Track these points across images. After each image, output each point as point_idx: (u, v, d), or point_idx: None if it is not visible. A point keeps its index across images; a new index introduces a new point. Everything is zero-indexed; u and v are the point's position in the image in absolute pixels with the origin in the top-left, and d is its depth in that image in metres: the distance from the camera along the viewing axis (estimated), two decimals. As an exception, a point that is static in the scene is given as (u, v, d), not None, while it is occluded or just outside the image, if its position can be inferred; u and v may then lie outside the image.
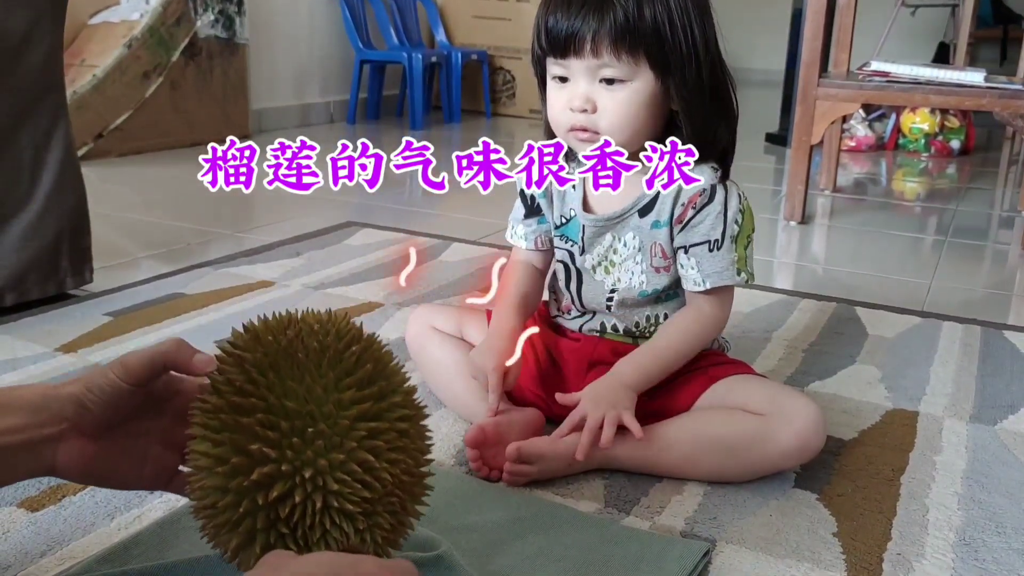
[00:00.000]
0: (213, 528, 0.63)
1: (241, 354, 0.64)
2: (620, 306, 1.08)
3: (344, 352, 0.65)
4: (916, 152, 3.55)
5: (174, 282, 1.67)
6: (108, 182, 2.64)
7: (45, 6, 1.46)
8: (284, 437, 0.61)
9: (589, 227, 1.07)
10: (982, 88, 2.10)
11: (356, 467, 0.61)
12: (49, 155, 1.50)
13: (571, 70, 0.98)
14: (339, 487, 0.61)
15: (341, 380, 0.63)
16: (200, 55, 3.26)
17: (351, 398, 0.63)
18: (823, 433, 0.97)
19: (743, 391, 1.02)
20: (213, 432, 0.62)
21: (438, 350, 1.15)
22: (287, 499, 0.60)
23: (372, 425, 0.63)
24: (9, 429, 0.66)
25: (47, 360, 1.29)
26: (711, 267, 1.02)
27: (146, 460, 0.73)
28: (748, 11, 5.82)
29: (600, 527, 0.88)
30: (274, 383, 0.62)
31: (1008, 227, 2.44)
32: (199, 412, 0.64)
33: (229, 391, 0.63)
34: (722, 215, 1.02)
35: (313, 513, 0.60)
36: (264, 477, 0.60)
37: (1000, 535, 0.92)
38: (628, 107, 0.97)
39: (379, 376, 0.65)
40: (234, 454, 0.61)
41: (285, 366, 0.63)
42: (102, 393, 0.67)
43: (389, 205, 2.45)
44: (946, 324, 1.55)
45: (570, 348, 1.12)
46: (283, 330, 0.66)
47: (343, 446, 0.61)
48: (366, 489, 0.62)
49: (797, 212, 2.32)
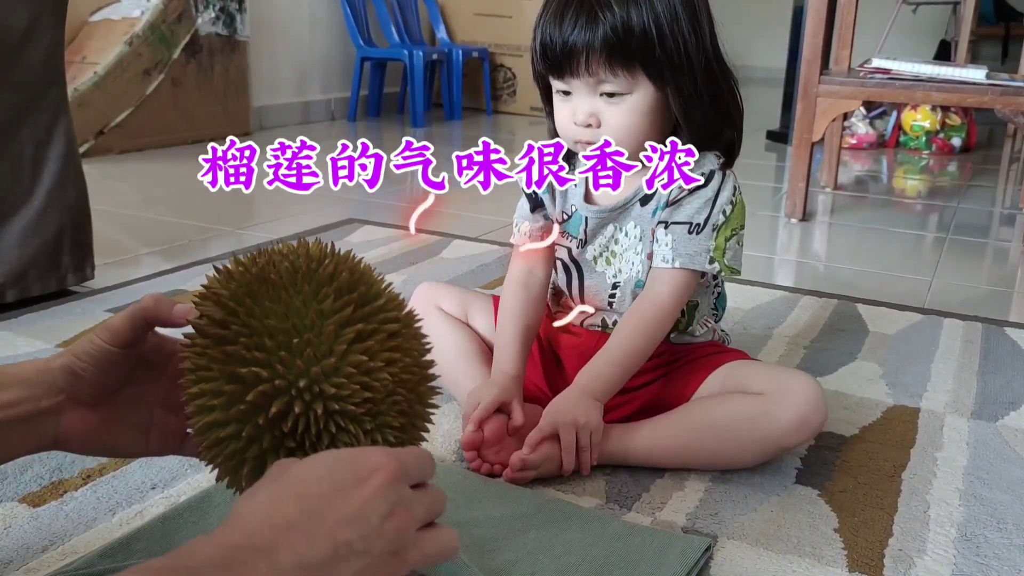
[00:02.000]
0: (224, 463, 0.63)
1: (216, 291, 0.64)
2: (622, 302, 1.08)
3: (317, 269, 0.64)
4: (917, 149, 3.55)
5: (175, 279, 1.67)
6: (109, 179, 2.64)
7: (46, 3, 1.46)
8: (271, 355, 0.60)
9: (592, 218, 1.07)
10: (983, 85, 2.10)
11: (351, 369, 0.60)
12: (50, 151, 1.50)
13: (572, 86, 0.99)
14: (336, 391, 0.60)
15: (318, 292, 0.63)
16: (201, 52, 3.26)
17: (331, 307, 0.62)
18: (823, 409, 0.97)
19: (741, 375, 1.02)
20: (204, 370, 0.62)
21: (441, 332, 1.14)
22: (288, 414, 0.60)
23: (359, 327, 0.62)
24: (6, 403, 0.66)
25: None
26: (685, 248, 1.01)
27: (150, 426, 0.73)
28: (749, 8, 5.82)
29: (601, 523, 0.88)
30: (252, 308, 0.62)
31: (1009, 224, 2.44)
32: (188, 358, 0.63)
33: (211, 328, 0.62)
34: (711, 201, 1.01)
35: (316, 421, 0.60)
36: (260, 396, 0.59)
37: (1001, 531, 0.92)
38: (631, 119, 0.98)
39: (358, 283, 0.65)
40: (226, 383, 0.60)
41: (260, 290, 0.63)
42: (91, 359, 0.68)
43: (390, 202, 2.44)
44: (947, 321, 1.55)
45: (571, 343, 1.12)
46: (253, 262, 0.65)
47: (333, 351, 0.61)
48: (366, 390, 0.61)
49: (798, 209, 2.32)
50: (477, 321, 1.16)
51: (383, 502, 0.53)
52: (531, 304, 1.10)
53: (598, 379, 0.99)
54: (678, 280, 1.02)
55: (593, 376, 0.99)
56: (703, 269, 1.02)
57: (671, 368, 1.07)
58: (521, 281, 1.11)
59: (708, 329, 1.11)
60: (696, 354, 1.08)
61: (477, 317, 1.17)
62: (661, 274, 1.03)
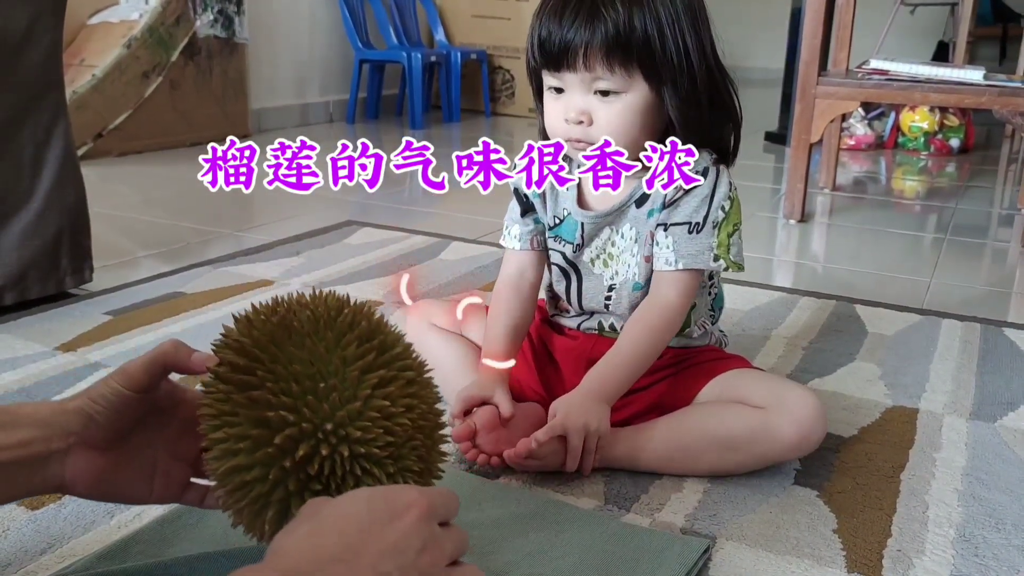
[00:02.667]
0: (247, 507, 0.63)
1: (238, 339, 0.65)
2: (618, 304, 1.08)
3: (337, 317, 0.66)
4: (915, 150, 3.55)
5: (173, 281, 1.67)
6: (108, 181, 2.64)
7: (46, 3, 1.46)
8: (298, 399, 0.61)
9: (588, 223, 1.06)
10: (981, 86, 2.10)
11: (375, 413, 0.62)
12: (49, 153, 1.50)
13: (566, 82, 0.98)
14: (362, 434, 0.61)
15: (341, 338, 0.64)
16: (199, 55, 3.26)
17: (355, 353, 0.64)
18: (824, 425, 0.97)
19: (742, 385, 1.02)
20: (228, 415, 0.62)
21: (438, 347, 1.15)
22: (314, 456, 0.61)
23: (380, 373, 0.64)
24: (18, 443, 0.66)
25: (46, 359, 1.29)
26: (687, 248, 1.01)
27: (154, 473, 0.73)
28: (747, 9, 5.82)
29: (600, 524, 0.88)
30: (276, 354, 0.63)
31: (1008, 225, 2.44)
32: (208, 404, 0.64)
33: (234, 374, 0.63)
34: (708, 198, 1.01)
35: (342, 463, 0.61)
36: (287, 440, 0.60)
37: (1000, 531, 0.92)
38: (623, 118, 0.97)
39: (376, 332, 0.66)
40: (252, 427, 0.61)
41: (283, 338, 0.64)
42: (106, 403, 0.68)
43: (388, 204, 2.44)
44: (946, 322, 1.55)
45: (568, 346, 1.12)
46: (273, 311, 0.66)
47: (357, 396, 0.62)
48: (388, 434, 0.62)
49: (797, 210, 2.32)
50: (471, 330, 1.17)
51: (417, 537, 0.55)
52: (521, 305, 1.10)
53: (606, 382, 0.99)
54: (683, 281, 1.02)
55: (601, 379, 0.99)
56: (708, 267, 1.01)
57: (672, 372, 1.07)
58: (512, 284, 1.11)
59: (705, 332, 1.11)
60: (697, 359, 1.08)
61: (471, 326, 1.17)
62: (665, 276, 1.02)
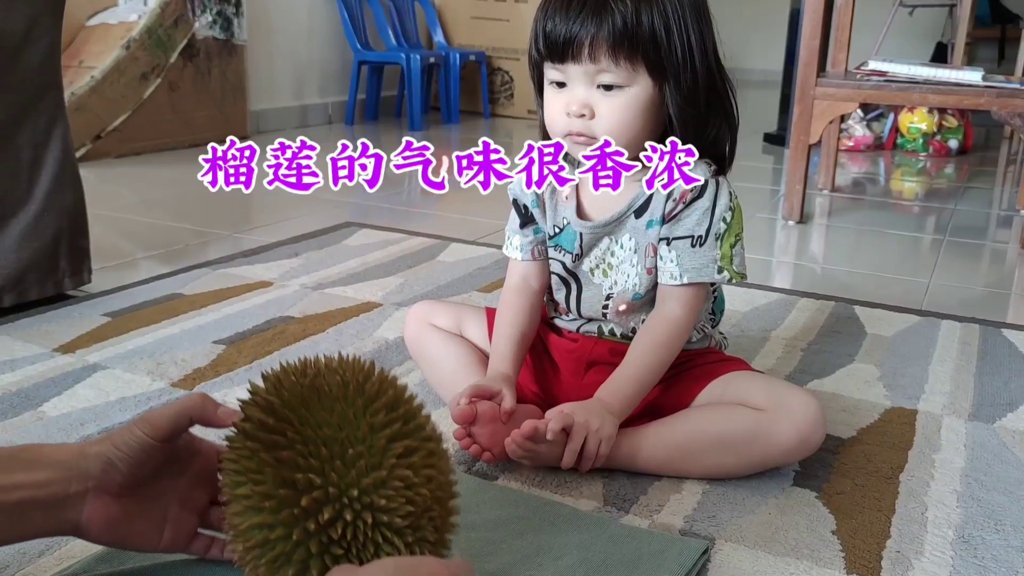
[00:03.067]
0: (266, 565, 0.64)
1: (267, 398, 0.66)
2: (616, 313, 1.07)
3: (365, 383, 0.67)
4: (914, 151, 3.56)
5: (172, 282, 1.67)
6: (106, 183, 2.64)
7: (44, 5, 1.46)
8: (326, 463, 0.63)
9: (587, 234, 1.06)
10: (980, 87, 2.10)
11: (398, 482, 0.63)
12: (48, 154, 1.50)
13: (569, 75, 0.97)
14: (387, 502, 0.63)
15: (369, 405, 0.66)
16: (198, 56, 3.26)
17: (382, 420, 0.65)
18: (823, 428, 0.97)
19: (742, 387, 1.01)
20: (254, 472, 0.64)
21: (439, 348, 1.15)
22: (338, 520, 0.62)
23: (406, 443, 0.65)
24: (37, 483, 0.67)
25: (45, 361, 1.28)
26: (691, 262, 1.01)
27: (165, 521, 0.74)
28: (746, 11, 5.83)
29: (599, 526, 0.88)
30: (306, 417, 0.65)
31: (1006, 226, 2.44)
32: (232, 459, 0.66)
33: (262, 432, 0.65)
34: (710, 211, 1.00)
35: (365, 530, 0.62)
36: (313, 502, 0.62)
37: (999, 533, 0.92)
38: (625, 112, 0.97)
39: (400, 402, 0.68)
40: (279, 486, 0.63)
41: (313, 400, 0.65)
42: (129, 450, 0.69)
43: (387, 205, 2.44)
44: (944, 323, 1.55)
45: (567, 348, 1.11)
46: (302, 372, 0.68)
47: (383, 464, 0.64)
48: (410, 504, 0.64)
49: (796, 211, 2.32)
50: (471, 330, 1.17)
51: None
52: (527, 313, 1.10)
53: (616, 395, 0.99)
54: (689, 295, 1.02)
55: (612, 392, 0.99)
56: (713, 280, 1.01)
57: (672, 375, 1.06)
58: (518, 290, 1.11)
59: (705, 335, 1.11)
60: (697, 362, 1.08)
61: (471, 327, 1.17)
62: (671, 291, 1.02)
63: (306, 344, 1.38)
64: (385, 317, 1.51)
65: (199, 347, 1.33)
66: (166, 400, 1.16)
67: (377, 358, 1.33)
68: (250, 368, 1.27)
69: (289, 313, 1.52)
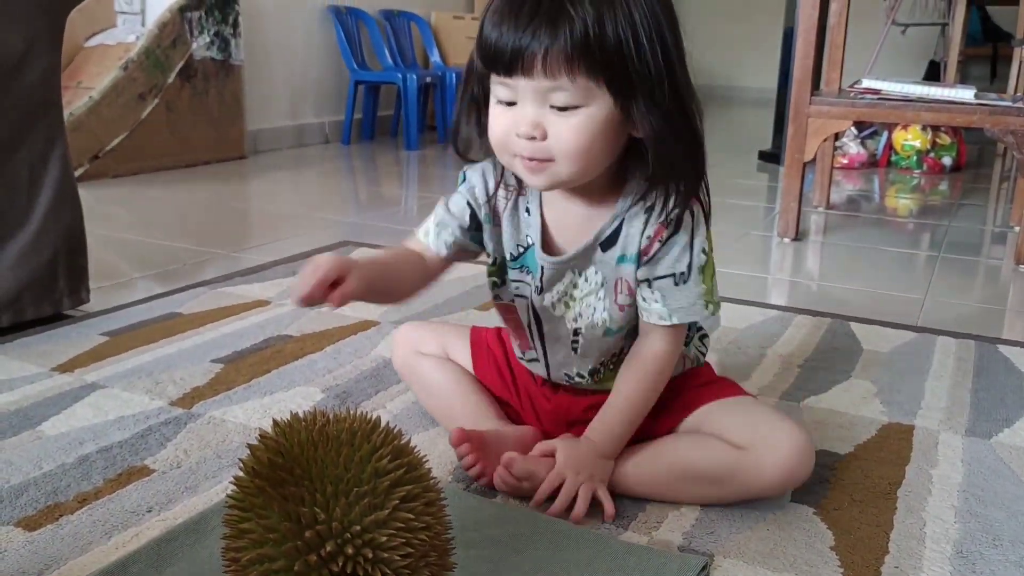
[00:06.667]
0: None
1: (276, 440, 0.69)
2: (587, 348, 1.01)
3: (372, 433, 0.70)
4: (908, 169, 3.58)
5: (170, 302, 1.67)
6: (104, 203, 2.64)
7: (43, 25, 1.47)
8: (330, 499, 0.65)
9: (548, 268, 0.98)
10: (972, 105, 2.12)
11: (399, 524, 0.65)
12: (46, 174, 1.50)
13: (518, 91, 0.85)
14: (387, 540, 0.64)
15: (375, 451, 0.68)
16: (196, 76, 3.27)
17: (386, 467, 0.67)
18: (810, 462, 0.94)
19: (724, 419, 0.98)
20: (260, 508, 0.66)
21: (431, 372, 1.15)
22: (339, 555, 0.63)
23: (408, 488, 0.68)
24: None
25: (43, 380, 1.28)
26: (677, 302, 0.94)
27: None
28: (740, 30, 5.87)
29: (598, 542, 0.88)
30: (313, 458, 0.67)
31: (1000, 242, 2.45)
32: (239, 497, 0.68)
33: (270, 471, 0.67)
34: (688, 246, 0.93)
35: (365, 565, 0.64)
36: (315, 536, 0.63)
37: (997, 548, 0.92)
38: (582, 134, 0.85)
39: (404, 452, 0.71)
40: (283, 520, 0.64)
41: (321, 444, 0.68)
42: None
43: (383, 224, 2.45)
44: (940, 339, 1.55)
45: (545, 408, 1.08)
46: (312, 421, 0.70)
47: (385, 505, 0.66)
48: (409, 545, 0.66)
49: (791, 229, 2.33)
50: (456, 353, 1.16)
51: None
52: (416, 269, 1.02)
53: (606, 435, 0.97)
54: (675, 332, 0.98)
55: (602, 433, 0.97)
56: (700, 318, 0.97)
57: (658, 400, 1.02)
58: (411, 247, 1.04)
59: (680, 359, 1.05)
60: (684, 385, 1.04)
61: (455, 350, 1.16)
62: (654, 332, 0.97)
63: (303, 363, 1.38)
64: (383, 336, 1.51)
65: (197, 366, 1.33)
66: (165, 419, 1.16)
67: (375, 377, 1.33)
68: (248, 386, 1.27)
69: (287, 332, 1.52)
